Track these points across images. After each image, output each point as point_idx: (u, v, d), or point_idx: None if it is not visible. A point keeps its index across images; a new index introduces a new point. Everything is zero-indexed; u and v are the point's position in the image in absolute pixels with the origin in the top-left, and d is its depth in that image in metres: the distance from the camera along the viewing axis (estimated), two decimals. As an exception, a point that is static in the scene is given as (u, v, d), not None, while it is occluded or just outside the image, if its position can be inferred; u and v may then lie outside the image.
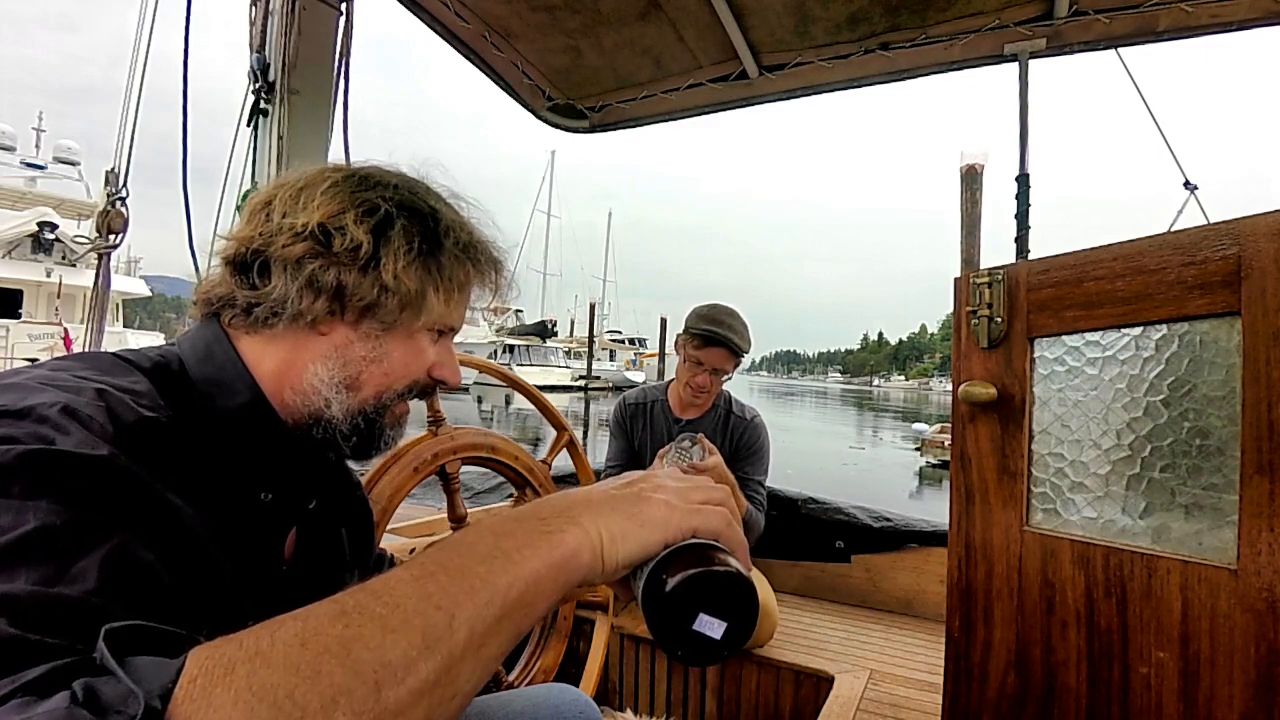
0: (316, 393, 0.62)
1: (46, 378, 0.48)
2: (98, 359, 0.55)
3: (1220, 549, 0.74)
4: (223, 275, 0.63)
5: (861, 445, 21.22)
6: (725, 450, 1.96)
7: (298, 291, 0.60)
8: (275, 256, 0.60)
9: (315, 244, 0.60)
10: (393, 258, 0.61)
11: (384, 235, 0.61)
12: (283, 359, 0.62)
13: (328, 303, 0.61)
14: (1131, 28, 1.63)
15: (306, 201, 0.61)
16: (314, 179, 0.63)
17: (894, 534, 2.25)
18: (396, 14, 1.89)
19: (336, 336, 0.62)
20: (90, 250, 1.74)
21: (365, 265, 0.60)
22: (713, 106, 2.16)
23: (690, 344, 1.91)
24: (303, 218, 0.60)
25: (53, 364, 0.53)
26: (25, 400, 0.44)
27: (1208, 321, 0.76)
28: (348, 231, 0.60)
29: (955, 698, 1.00)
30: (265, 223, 0.62)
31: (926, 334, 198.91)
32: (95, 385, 0.48)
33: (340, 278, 0.60)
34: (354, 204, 0.61)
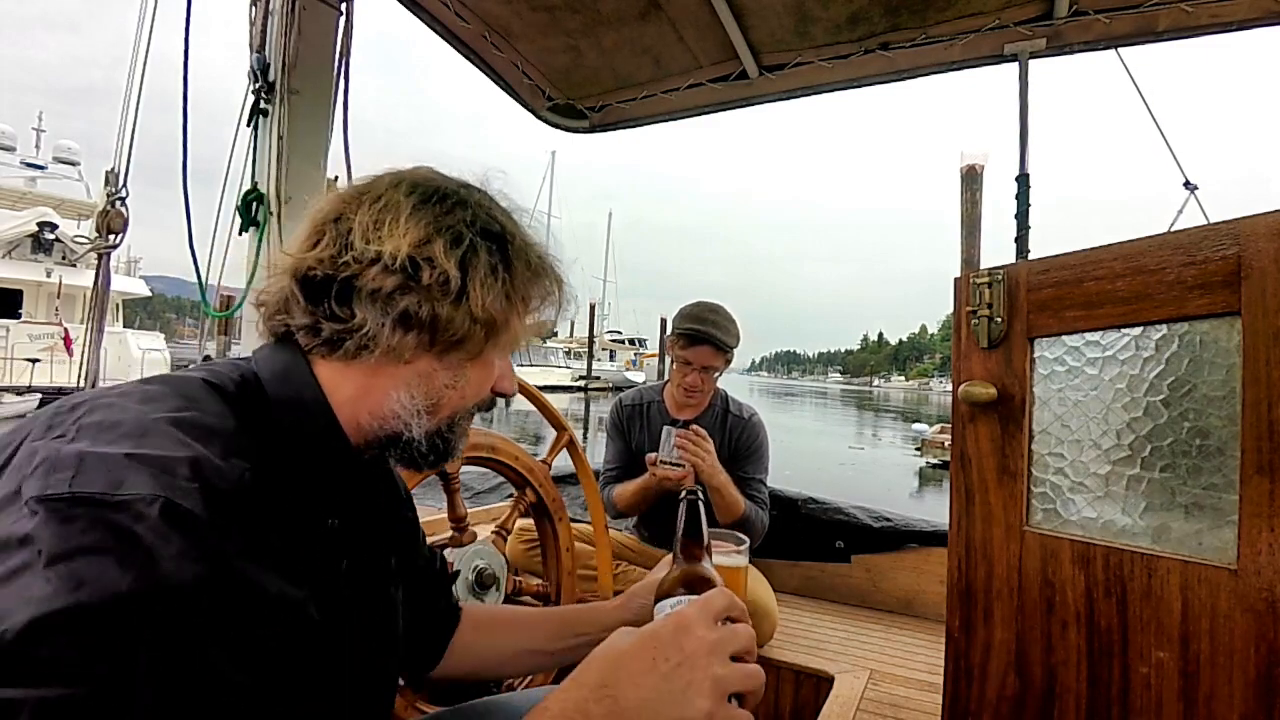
0: (396, 417, 0.62)
1: (138, 436, 0.46)
2: (187, 387, 0.54)
3: (1220, 549, 0.74)
4: (292, 294, 0.61)
5: (861, 445, 21.22)
6: (724, 450, 1.96)
7: (390, 327, 0.59)
8: (365, 289, 0.59)
9: (406, 277, 0.58)
10: (479, 288, 0.60)
11: (470, 265, 0.60)
12: (362, 385, 0.62)
13: (418, 336, 0.60)
14: (1131, 28, 1.63)
15: (391, 227, 0.59)
16: (390, 197, 0.61)
17: (894, 534, 2.25)
18: (396, 14, 1.88)
19: (420, 365, 0.62)
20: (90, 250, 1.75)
21: (456, 298, 0.60)
22: (713, 106, 2.17)
23: (677, 344, 1.90)
24: (389, 245, 0.58)
25: (142, 395, 0.51)
26: (121, 486, 0.42)
27: (1208, 321, 0.76)
28: (437, 263, 0.59)
29: (955, 698, 1.00)
30: (344, 245, 0.60)
31: (926, 334, 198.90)
32: (189, 456, 0.46)
33: (434, 312, 0.59)
34: (439, 230, 0.60)
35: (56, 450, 0.43)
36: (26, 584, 0.38)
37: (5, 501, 0.42)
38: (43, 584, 0.37)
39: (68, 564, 0.38)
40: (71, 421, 0.47)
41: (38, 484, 0.41)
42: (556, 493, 1.61)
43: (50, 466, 0.42)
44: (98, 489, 0.41)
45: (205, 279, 1.78)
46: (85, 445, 0.44)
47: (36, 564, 0.38)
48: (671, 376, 2.00)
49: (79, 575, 0.38)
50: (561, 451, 1.67)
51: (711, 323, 1.86)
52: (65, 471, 0.42)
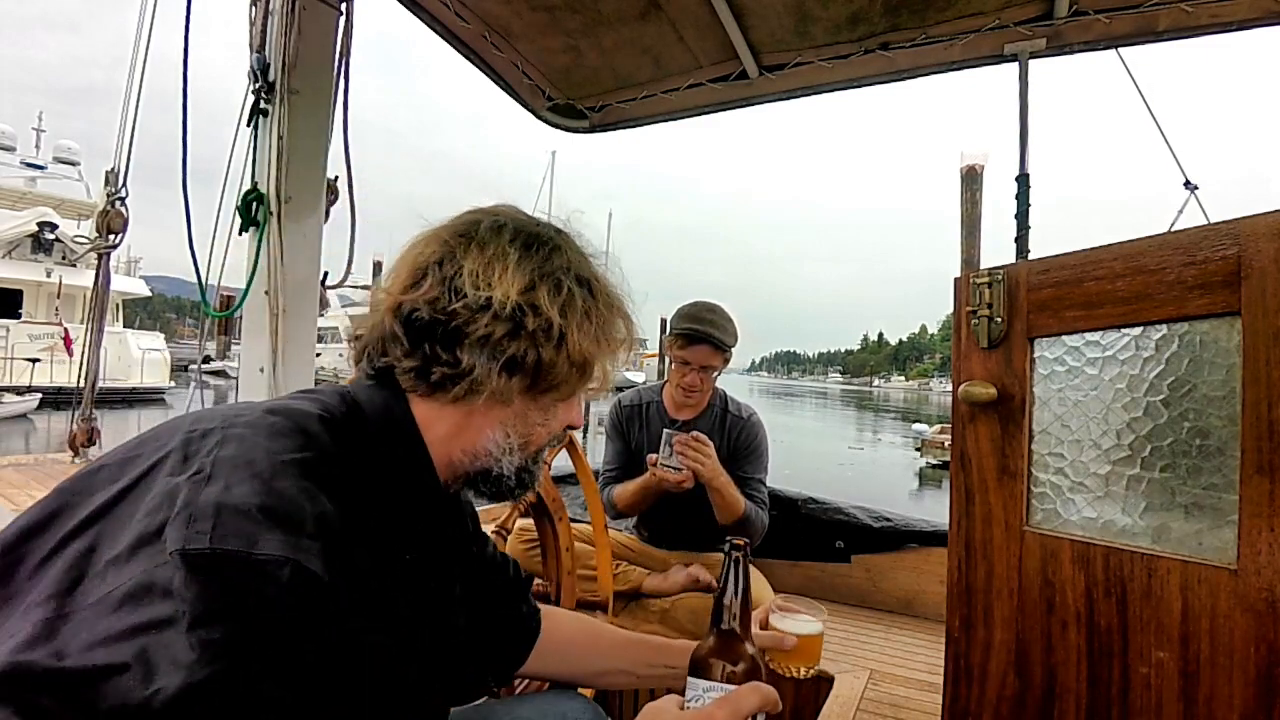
0: (489, 454, 0.66)
1: (268, 479, 0.49)
2: (305, 422, 0.56)
3: (1220, 549, 0.74)
4: (394, 334, 0.63)
5: (861, 446, 21.22)
6: (723, 450, 1.95)
7: (497, 372, 0.62)
8: (474, 335, 0.61)
9: (514, 324, 0.61)
10: (575, 333, 0.64)
11: (569, 310, 0.64)
12: (458, 423, 0.65)
13: (521, 380, 0.63)
14: (1131, 28, 1.63)
15: (500, 274, 0.62)
16: (497, 244, 0.64)
17: (894, 534, 2.25)
18: (396, 14, 1.88)
19: (517, 405, 0.66)
20: (90, 250, 1.75)
21: (557, 343, 0.63)
22: (713, 106, 2.16)
23: (675, 344, 1.89)
24: (499, 292, 0.61)
25: (269, 430, 0.54)
26: (256, 545, 0.45)
27: (1208, 321, 0.76)
28: (541, 310, 0.62)
29: (955, 698, 1.00)
30: (451, 290, 0.62)
31: (926, 334, 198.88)
32: (313, 513, 0.49)
33: (539, 358, 0.63)
34: (542, 278, 0.63)
35: (196, 498, 0.47)
36: (171, 642, 0.41)
37: (148, 539, 0.46)
38: (186, 650, 0.41)
39: (209, 630, 0.42)
40: (207, 453, 0.51)
41: (180, 534, 0.45)
42: (556, 492, 1.61)
43: (190, 516, 0.45)
44: (235, 547, 0.45)
45: (205, 279, 1.78)
46: (221, 489, 0.47)
47: (180, 623, 0.42)
48: (670, 376, 1.99)
49: (219, 646, 0.42)
50: (561, 451, 1.67)
51: (709, 322, 1.85)
52: (205, 523, 0.45)
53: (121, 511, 0.50)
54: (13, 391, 14.33)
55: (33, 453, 6.10)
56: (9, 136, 20.68)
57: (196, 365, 2.48)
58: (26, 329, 16.07)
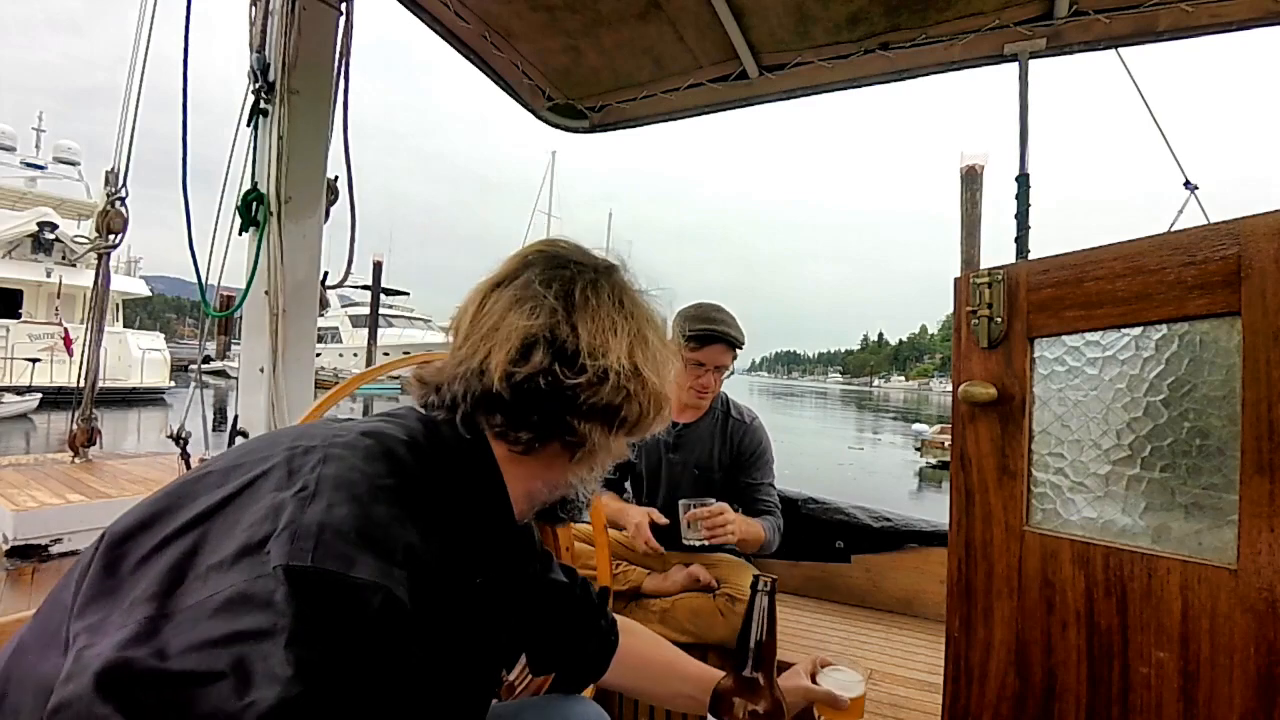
0: (570, 486, 0.71)
1: (367, 502, 0.53)
2: (398, 449, 0.60)
3: (1220, 549, 0.74)
4: (498, 396, 0.64)
5: (860, 446, 21.21)
6: (725, 455, 1.95)
7: (598, 430, 0.66)
8: (595, 405, 0.65)
9: (625, 390, 0.66)
10: (657, 381, 0.69)
11: (658, 365, 0.70)
12: (544, 463, 0.69)
13: (624, 434, 0.69)
14: (1131, 28, 1.63)
15: (610, 340, 0.66)
16: (597, 306, 0.67)
17: (894, 534, 2.25)
18: (397, 14, 1.88)
19: (614, 447, 0.70)
20: (90, 250, 1.75)
21: (650, 398, 0.68)
22: (713, 106, 2.16)
23: (686, 347, 1.87)
24: (613, 360, 0.65)
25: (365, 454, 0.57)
26: (353, 568, 0.48)
27: (1208, 321, 0.76)
28: (642, 371, 0.67)
29: (955, 698, 1.00)
30: (567, 360, 0.64)
31: (926, 334, 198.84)
32: (404, 543, 0.52)
33: (640, 412, 0.68)
34: (638, 338, 0.68)
35: (300, 515, 0.50)
36: (268, 654, 0.43)
37: (251, 549, 0.48)
38: (283, 664, 0.42)
39: (306, 648, 0.44)
40: (310, 469, 0.54)
41: (284, 550, 0.47)
42: (556, 493, 1.61)
43: (295, 533, 0.48)
44: (334, 567, 0.47)
45: (205, 279, 1.78)
46: (324, 508, 0.50)
47: (279, 637, 0.43)
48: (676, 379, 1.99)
49: (315, 666, 0.44)
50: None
51: (720, 321, 1.86)
52: (308, 541, 0.48)
53: (225, 518, 0.52)
54: (13, 391, 14.33)
55: (33, 452, 6.10)
56: (9, 136, 20.67)
57: (196, 365, 2.47)
58: (26, 329, 16.07)
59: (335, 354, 28.19)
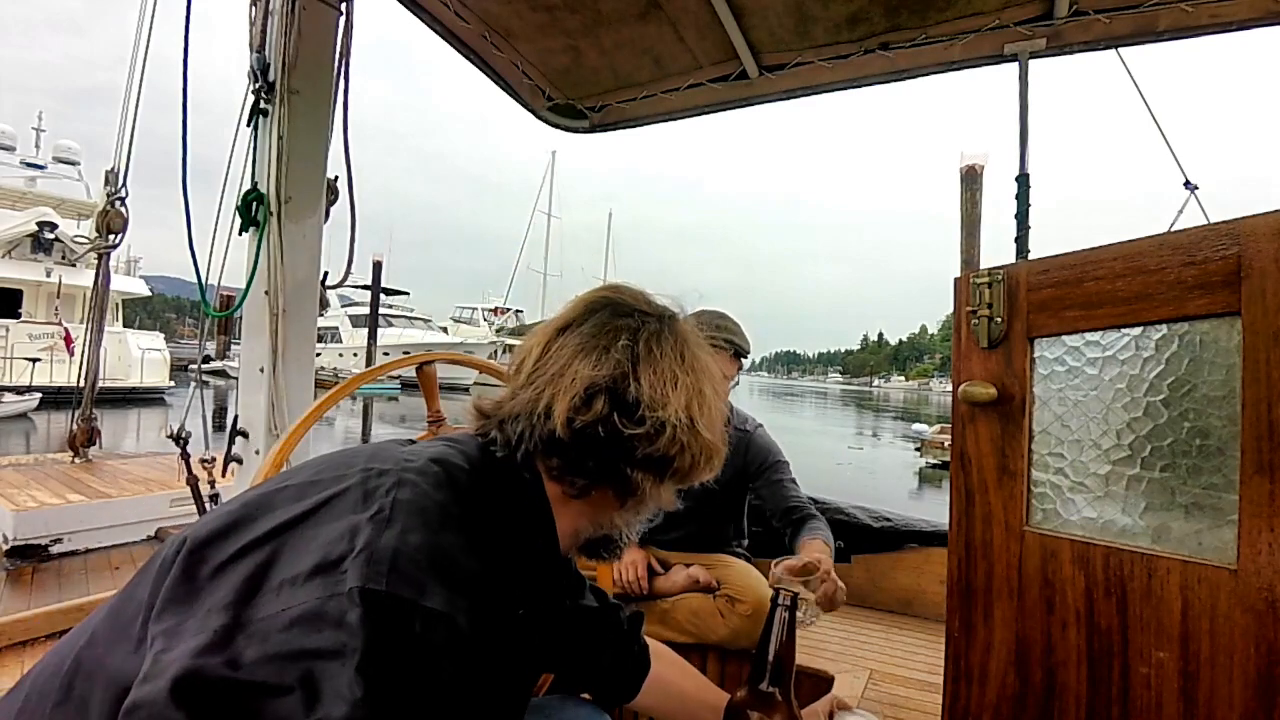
0: (615, 527, 0.73)
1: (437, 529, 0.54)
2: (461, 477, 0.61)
3: (1220, 549, 0.74)
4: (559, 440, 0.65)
5: (860, 446, 21.20)
6: (731, 468, 1.91)
7: (650, 479, 0.68)
8: (651, 455, 0.66)
9: (680, 443, 0.67)
10: (710, 434, 0.69)
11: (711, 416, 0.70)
12: (593, 508, 0.70)
13: (660, 480, 0.69)
14: (1131, 28, 1.63)
15: (669, 393, 0.67)
16: (658, 358, 0.68)
17: (894, 534, 2.25)
18: (397, 14, 1.88)
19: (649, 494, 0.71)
20: (90, 250, 1.75)
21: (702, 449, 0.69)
22: (713, 106, 2.16)
23: None
24: (670, 413, 0.66)
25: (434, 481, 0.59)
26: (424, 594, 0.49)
27: (1208, 321, 0.76)
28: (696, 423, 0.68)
29: (955, 698, 1.00)
30: (627, 411, 0.65)
31: (926, 334, 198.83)
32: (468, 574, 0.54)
33: (692, 463, 0.69)
34: (692, 387, 0.69)
35: (376, 539, 0.51)
36: (336, 674, 0.44)
37: (326, 567, 0.49)
38: (353, 685, 0.44)
39: (375, 672, 0.45)
40: (385, 492, 0.56)
41: (360, 572, 0.48)
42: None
43: (370, 556, 0.49)
44: (407, 594, 0.49)
45: (205, 279, 1.78)
46: (398, 534, 0.52)
47: (350, 658, 0.45)
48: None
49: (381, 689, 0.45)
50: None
51: (726, 329, 1.81)
52: (383, 565, 0.49)
53: (302, 533, 0.53)
54: (13, 391, 14.33)
55: (33, 452, 6.10)
56: (9, 136, 20.66)
57: (196, 365, 2.47)
58: (26, 329, 16.07)
59: (335, 354, 28.20)
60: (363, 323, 26.42)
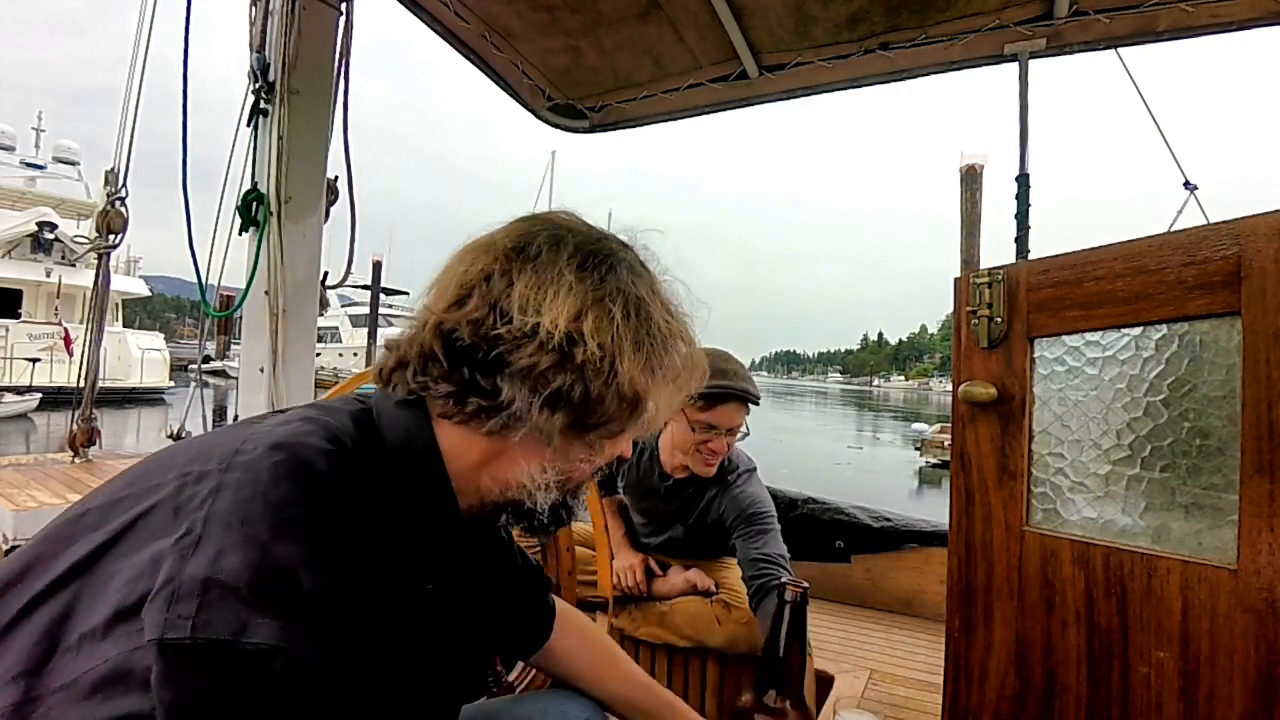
0: (523, 487, 0.60)
1: (265, 540, 0.44)
2: (315, 459, 0.51)
3: (1220, 549, 0.74)
4: (433, 354, 0.58)
5: (860, 446, 21.19)
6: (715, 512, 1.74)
7: (539, 408, 0.56)
8: (518, 364, 0.55)
9: (562, 355, 0.55)
10: (627, 365, 0.57)
11: (621, 342, 0.57)
12: (490, 451, 0.60)
13: (565, 417, 0.57)
14: (1131, 28, 1.63)
15: (552, 297, 0.56)
16: (551, 262, 0.58)
17: (894, 534, 2.25)
18: (397, 14, 1.89)
19: (559, 443, 0.59)
20: (90, 250, 1.75)
21: (607, 377, 0.56)
22: (713, 106, 2.16)
23: (694, 406, 1.54)
24: (548, 318, 0.55)
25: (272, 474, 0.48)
26: (245, 632, 0.41)
27: (1208, 321, 0.76)
28: (592, 340, 0.55)
29: (955, 698, 1.00)
30: (498, 312, 0.56)
31: (926, 334, 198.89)
32: (311, 589, 0.44)
33: (585, 393, 0.56)
34: (596, 302, 0.57)
35: (181, 570, 0.41)
36: None
37: (126, 613, 0.41)
38: None
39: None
40: (200, 503, 0.45)
41: (159, 618, 0.39)
42: (556, 493, 1.61)
43: (173, 594, 0.40)
44: (221, 635, 0.40)
45: (205, 279, 1.78)
46: (210, 559, 0.42)
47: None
48: (676, 439, 1.66)
49: None
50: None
51: (734, 374, 1.57)
52: (188, 604, 0.40)
53: (102, 571, 0.44)
54: (13, 391, 14.34)
55: (33, 453, 6.11)
56: (9, 136, 20.68)
57: (196, 365, 2.48)
58: (26, 329, 16.08)
59: (335, 354, 28.19)
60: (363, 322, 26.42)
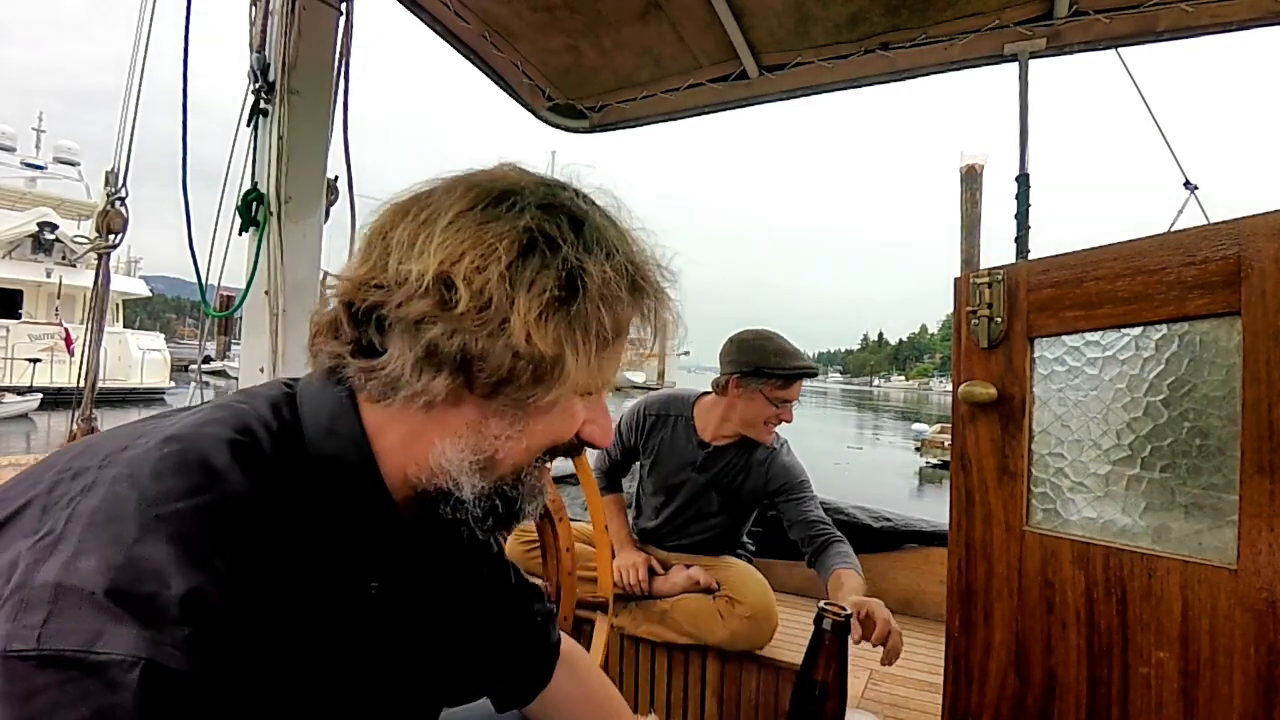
0: (444, 473, 0.53)
1: (131, 542, 0.40)
2: (213, 451, 0.47)
3: (1220, 549, 0.74)
4: (338, 320, 0.53)
5: (860, 446, 21.18)
6: (750, 482, 1.92)
7: (414, 365, 0.49)
8: (392, 317, 0.50)
9: (436, 302, 0.48)
10: (522, 315, 0.48)
11: (514, 283, 0.48)
12: (407, 432, 0.53)
13: (450, 378, 0.49)
14: (1131, 28, 1.63)
15: (425, 242, 0.49)
16: (439, 204, 0.51)
17: (894, 534, 2.25)
18: (397, 14, 1.89)
19: (466, 411, 0.52)
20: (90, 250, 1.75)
21: (493, 330, 0.48)
22: (713, 106, 2.16)
23: (772, 386, 1.79)
24: (418, 265, 0.48)
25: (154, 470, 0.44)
26: (98, 641, 0.37)
27: (1208, 321, 0.76)
28: (473, 281, 0.48)
29: (955, 698, 1.00)
30: (383, 263, 0.51)
31: (926, 334, 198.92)
32: (182, 593, 0.40)
33: (465, 346, 0.48)
34: (479, 242, 0.49)
35: (32, 575, 0.38)
36: None
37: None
38: None
39: None
40: (68, 502, 0.42)
41: (4, 628, 0.36)
42: (556, 493, 1.61)
43: (21, 603, 0.37)
44: (71, 645, 0.36)
45: (205, 279, 1.78)
46: (64, 561, 0.38)
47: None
48: (742, 412, 1.85)
49: None
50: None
51: (796, 353, 1.83)
52: (37, 614, 0.36)
53: None
54: (13, 391, 14.35)
55: (34, 452, 6.11)
56: (9, 137, 20.71)
57: (196, 365, 2.48)
58: (27, 329, 16.10)
59: (335, 354, 28.19)
60: (363, 323, 26.36)
